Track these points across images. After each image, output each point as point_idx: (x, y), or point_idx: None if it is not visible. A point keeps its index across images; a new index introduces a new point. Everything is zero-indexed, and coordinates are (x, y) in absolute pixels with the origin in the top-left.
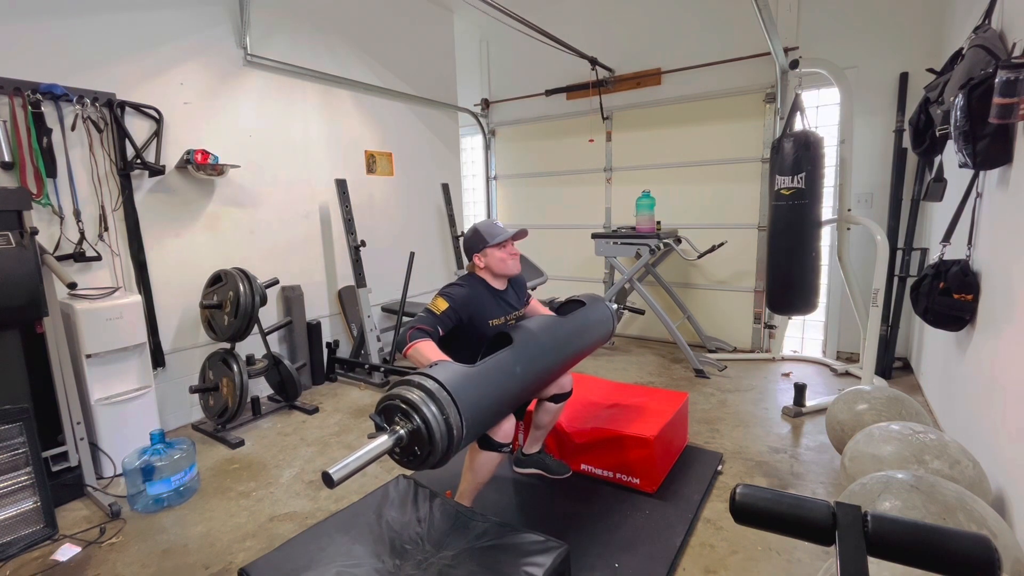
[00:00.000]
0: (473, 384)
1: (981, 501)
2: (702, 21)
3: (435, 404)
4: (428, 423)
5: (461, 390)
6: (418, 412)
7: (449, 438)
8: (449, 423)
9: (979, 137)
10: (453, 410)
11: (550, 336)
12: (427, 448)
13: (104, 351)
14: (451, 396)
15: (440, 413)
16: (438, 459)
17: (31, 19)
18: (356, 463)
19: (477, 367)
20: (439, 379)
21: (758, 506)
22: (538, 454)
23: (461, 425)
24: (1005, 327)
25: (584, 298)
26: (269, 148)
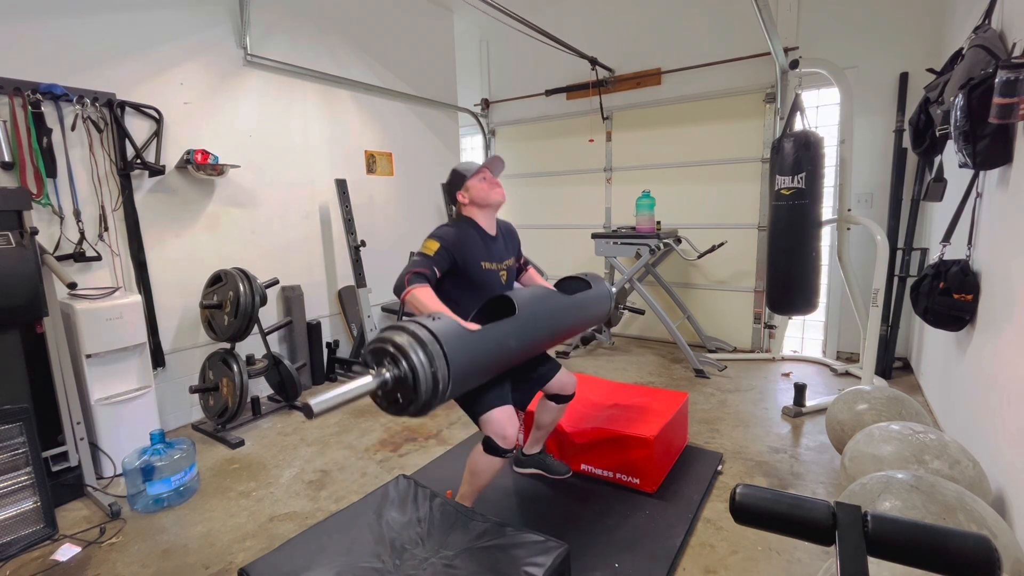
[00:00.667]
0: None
1: (981, 501)
2: (702, 21)
3: (424, 353)
4: (415, 371)
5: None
6: (407, 358)
7: (434, 390)
8: (436, 376)
9: (979, 137)
10: (442, 363)
11: (550, 312)
12: (410, 396)
13: (104, 351)
14: (443, 350)
15: (428, 363)
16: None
17: (31, 19)
18: (338, 399)
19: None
20: (433, 331)
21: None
22: (539, 455)
23: (447, 380)
24: (1005, 327)
25: (587, 277)
26: (269, 148)
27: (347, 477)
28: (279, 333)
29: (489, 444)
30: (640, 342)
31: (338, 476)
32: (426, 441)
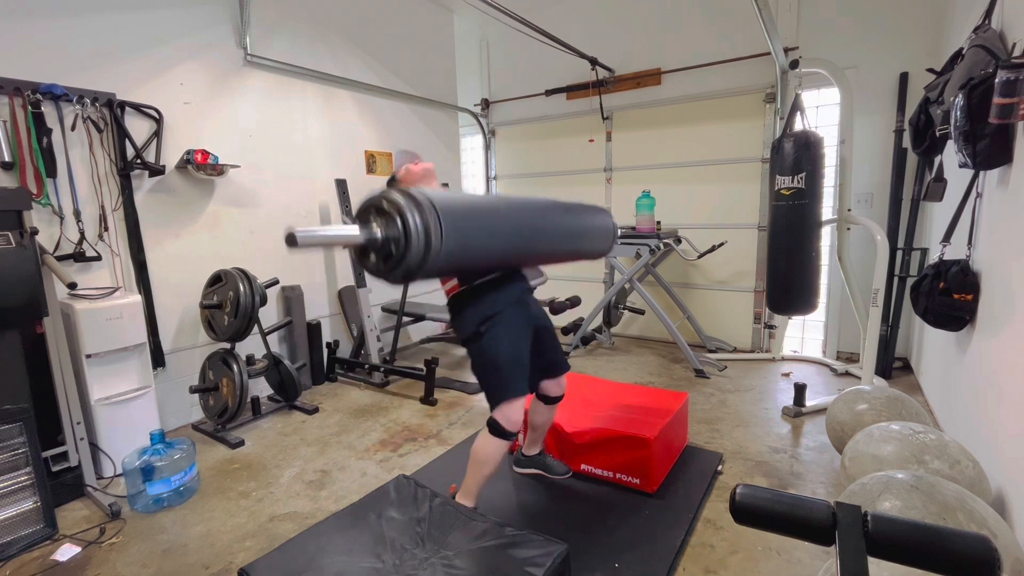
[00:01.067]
0: (463, 214)
1: (981, 501)
2: (702, 21)
3: (420, 215)
4: (408, 229)
5: (451, 216)
6: (401, 216)
7: (424, 254)
8: (429, 238)
9: (979, 137)
10: (436, 227)
11: (546, 210)
12: (401, 253)
13: (104, 351)
14: (438, 216)
15: (423, 224)
16: (405, 271)
17: (31, 19)
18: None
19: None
20: (432, 198)
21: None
22: (539, 455)
23: (440, 246)
24: (1005, 327)
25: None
26: (269, 148)
27: (347, 477)
28: (279, 333)
29: (495, 427)
30: (640, 342)
31: (338, 476)
32: (426, 441)
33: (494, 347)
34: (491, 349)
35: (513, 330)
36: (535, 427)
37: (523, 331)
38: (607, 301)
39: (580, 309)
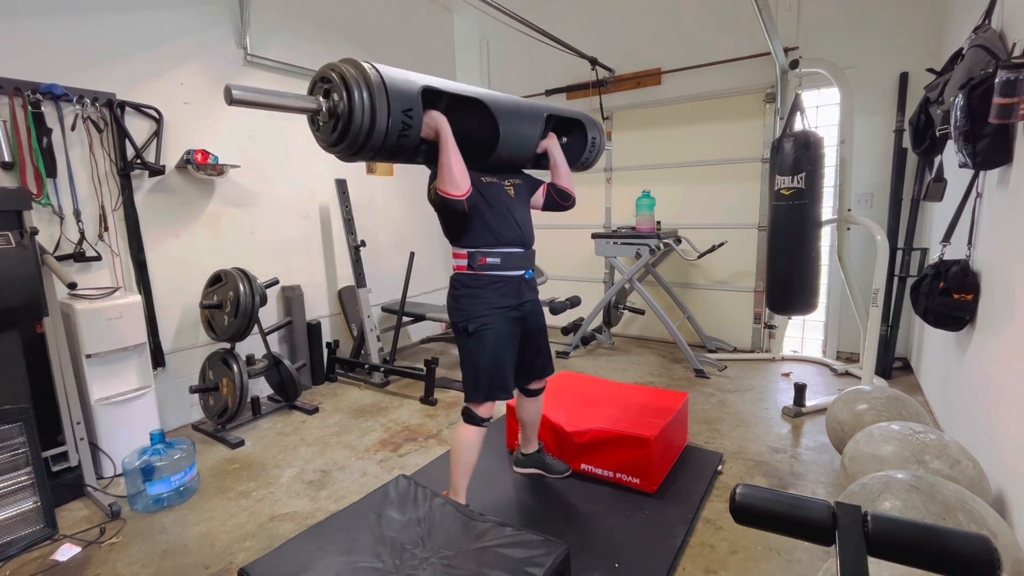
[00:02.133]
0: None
1: (981, 501)
2: (702, 21)
3: (367, 90)
4: (352, 104)
5: (402, 94)
6: (347, 89)
7: (370, 129)
8: (375, 116)
9: (979, 137)
10: (383, 101)
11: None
12: (344, 127)
13: (104, 351)
14: (386, 88)
15: (369, 100)
16: (349, 148)
17: (31, 19)
18: (264, 96)
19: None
20: (383, 76)
21: (758, 506)
22: (537, 453)
23: (387, 120)
24: (1005, 327)
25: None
26: (269, 148)
27: (347, 477)
28: (279, 333)
29: (469, 414)
30: (640, 342)
31: (338, 476)
32: (426, 441)
33: (480, 351)
34: (476, 352)
35: (502, 339)
36: (524, 424)
37: (512, 339)
38: (607, 301)
39: (580, 309)
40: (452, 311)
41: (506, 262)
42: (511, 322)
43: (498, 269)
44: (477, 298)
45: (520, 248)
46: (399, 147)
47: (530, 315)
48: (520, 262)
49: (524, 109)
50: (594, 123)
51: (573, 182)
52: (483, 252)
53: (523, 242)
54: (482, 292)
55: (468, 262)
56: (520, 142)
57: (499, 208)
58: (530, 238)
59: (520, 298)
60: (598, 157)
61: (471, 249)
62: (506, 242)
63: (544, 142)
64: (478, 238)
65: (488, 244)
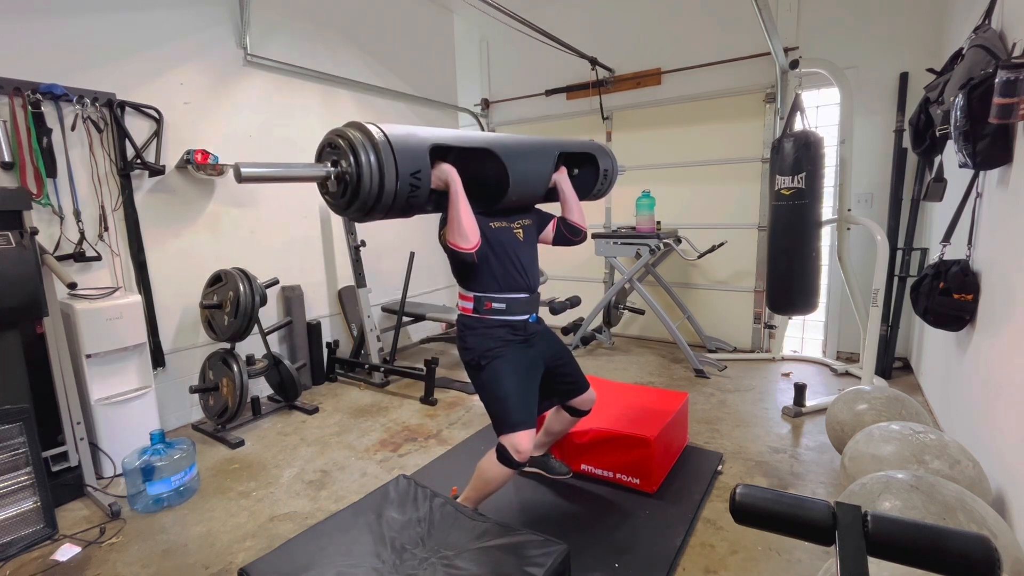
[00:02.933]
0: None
1: (981, 501)
2: (702, 21)
3: (375, 156)
4: (360, 170)
5: (407, 155)
6: (355, 155)
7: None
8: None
9: (979, 137)
10: (391, 165)
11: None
12: (354, 190)
13: (104, 351)
14: (394, 156)
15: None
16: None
17: (31, 19)
18: (273, 172)
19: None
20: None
21: (758, 506)
22: (542, 456)
23: (395, 183)
24: (1005, 327)
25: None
26: (269, 148)
27: (347, 477)
28: (279, 333)
29: (503, 455)
30: (640, 342)
31: (338, 476)
32: (426, 441)
33: (493, 381)
34: (490, 383)
35: (515, 366)
36: (549, 433)
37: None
38: (607, 301)
39: (580, 309)
40: (462, 351)
41: (511, 308)
42: (522, 350)
43: (503, 314)
44: (484, 337)
45: (525, 294)
46: (409, 205)
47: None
48: (525, 307)
49: (533, 149)
50: (605, 153)
51: (584, 216)
52: (488, 297)
53: (528, 288)
54: (488, 333)
55: (473, 305)
56: (530, 183)
57: (507, 256)
58: (535, 283)
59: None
60: (611, 186)
61: (477, 293)
62: (511, 288)
63: (554, 176)
64: (485, 285)
65: (494, 291)
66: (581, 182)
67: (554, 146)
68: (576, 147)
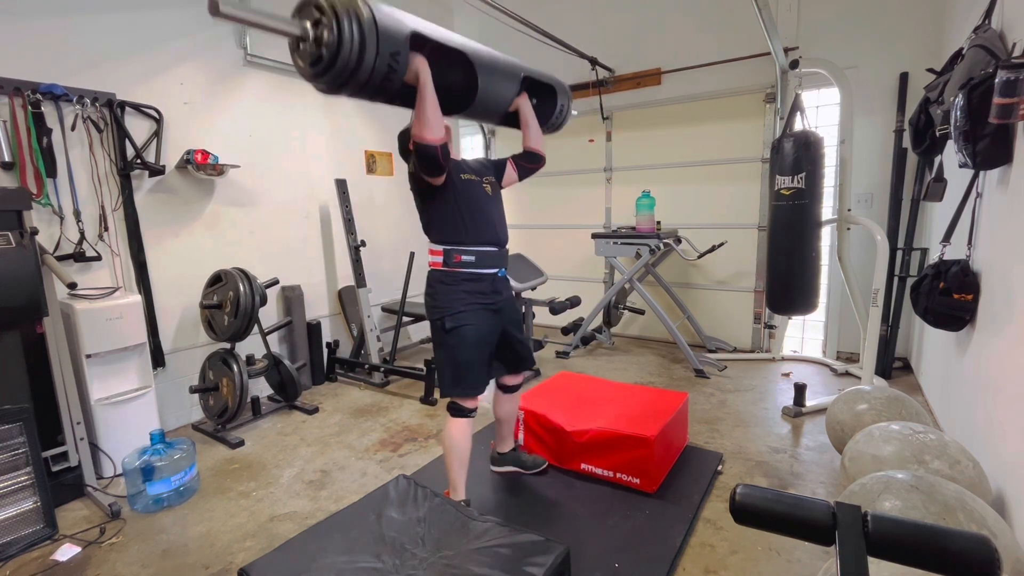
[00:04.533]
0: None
1: (981, 501)
2: (702, 21)
3: (358, 24)
4: (342, 36)
5: (393, 32)
6: (338, 21)
7: (356, 66)
8: (363, 52)
9: (979, 137)
10: (373, 40)
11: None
12: (330, 60)
13: (104, 351)
14: (376, 25)
15: (359, 36)
16: (332, 80)
17: (31, 19)
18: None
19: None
20: (375, 8)
21: (758, 506)
22: (512, 452)
23: (374, 59)
24: (1005, 327)
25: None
26: (269, 148)
27: (347, 477)
28: (279, 333)
29: (456, 407)
30: (640, 342)
31: (338, 476)
32: (426, 441)
33: (457, 346)
34: (453, 346)
35: (478, 336)
36: (500, 420)
37: (488, 335)
38: (607, 301)
39: (580, 309)
40: (429, 308)
41: (480, 260)
42: (488, 316)
43: (472, 267)
44: (452, 294)
45: (494, 247)
46: (382, 88)
47: (506, 307)
48: (494, 260)
49: (503, 66)
50: (564, 89)
51: (543, 142)
52: (458, 250)
53: (497, 241)
54: (457, 288)
55: (443, 259)
56: (495, 99)
57: (476, 206)
58: (504, 237)
59: (495, 294)
60: (564, 123)
61: (447, 247)
62: (481, 241)
63: (517, 100)
64: (453, 235)
65: (463, 242)
66: (538, 111)
67: (520, 68)
68: (540, 77)
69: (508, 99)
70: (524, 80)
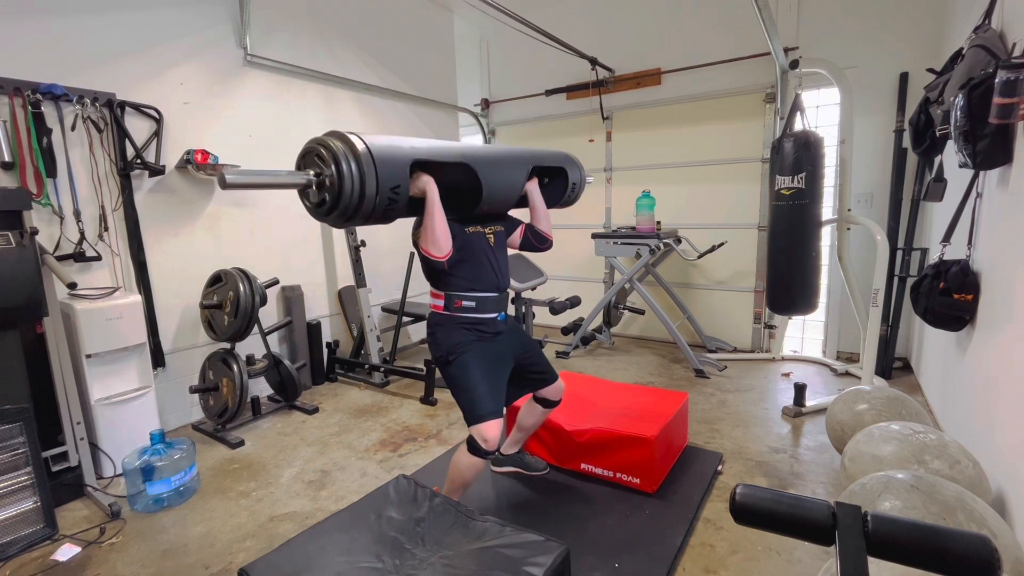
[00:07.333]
0: (404, 160)
1: (981, 501)
2: (702, 21)
3: (356, 165)
4: (342, 176)
5: (387, 165)
6: (336, 161)
7: (360, 197)
8: (364, 185)
9: (979, 137)
10: (372, 178)
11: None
12: (335, 198)
13: (104, 351)
14: (375, 166)
15: (357, 171)
16: (340, 217)
17: (31, 19)
18: (256, 177)
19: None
20: (369, 145)
21: (758, 506)
22: (517, 454)
23: (375, 196)
24: (1005, 327)
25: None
26: (269, 148)
27: (347, 477)
28: (279, 333)
29: (472, 445)
30: (640, 342)
31: (338, 476)
32: (426, 441)
33: (461, 373)
34: (458, 375)
35: (481, 359)
36: (522, 428)
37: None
38: (607, 301)
39: (580, 309)
40: (432, 347)
41: (481, 306)
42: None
43: (473, 312)
44: (452, 333)
45: (494, 293)
46: (388, 215)
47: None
48: (494, 306)
49: (508, 161)
50: (575, 165)
51: (551, 225)
52: (459, 296)
53: (498, 287)
54: (457, 328)
55: (444, 303)
56: (503, 193)
57: (479, 258)
58: (505, 283)
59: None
60: (578, 196)
61: (448, 292)
62: (482, 287)
63: (526, 184)
64: (456, 285)
65: (465, 289)
66: (550, 191)
67: (528, 158)
68: (549, 160)
69: (517, 188)
70: (531, 167)
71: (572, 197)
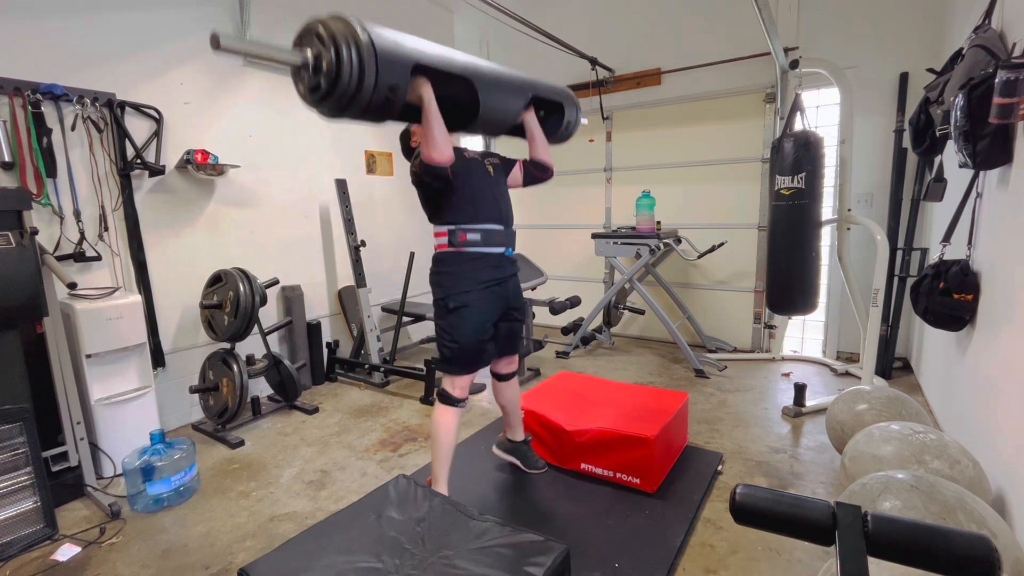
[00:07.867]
0: (406, 55)
1: (981, 501)
2: (702, 21)
3: (356, 49)
4: (340, 65)
5: (391, 55)
6: (336, 47)
7: (356, 90)
8: (362, 81)
9: (979, 137)
10: (371, 72)
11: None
12: (329, 87)
13: (104, 351)
14: (376, 56)
15: (358, 61)
16: (333, 105)
17: (31, 19)
18: (251, 46)
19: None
20: (373, 32)
21: (758, 506)
22: (524, 444)
23: (372, 91)
24: (1005, 327)
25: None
26: (269, 148)
27: (347, 477)
28: (279, 333)
29: (445, 395)
30: (640, 342)
31: (338, 476)
32: (426, 441)
33: (458, 326)
34: (454, 327)
35: (480, 315)
36: (505, 410)
37: (490, 315)
38: (607, 301)
39: (580, 309)
40: (434, 287)
41: (486, 239)
42: (493, 297)
43: (478, 246)
44: (458, 275)
45: (499, 225)
46: (382, 112)
47: (512, 292)
48: (500, 239)
49: (509, 85)
50: (573, 104)
51: (549, 153)
52: (463, 229)
53: (502, 219)
54: (463, 269)
55: (448, 239)
56: (499, 116)
57: (479, 184)
58: (509, 216)
59: (501, 273)
60: (573, 134)
61: (451, 226)
62: (485, 218)
63: (523, 114)
64: (458, 214)
65: (468, 220)
66: (547, 124)
67: (529, 87)
68: (548, 93)
69: (513, 115)
70: (531, 96)
71: (565, 135)
